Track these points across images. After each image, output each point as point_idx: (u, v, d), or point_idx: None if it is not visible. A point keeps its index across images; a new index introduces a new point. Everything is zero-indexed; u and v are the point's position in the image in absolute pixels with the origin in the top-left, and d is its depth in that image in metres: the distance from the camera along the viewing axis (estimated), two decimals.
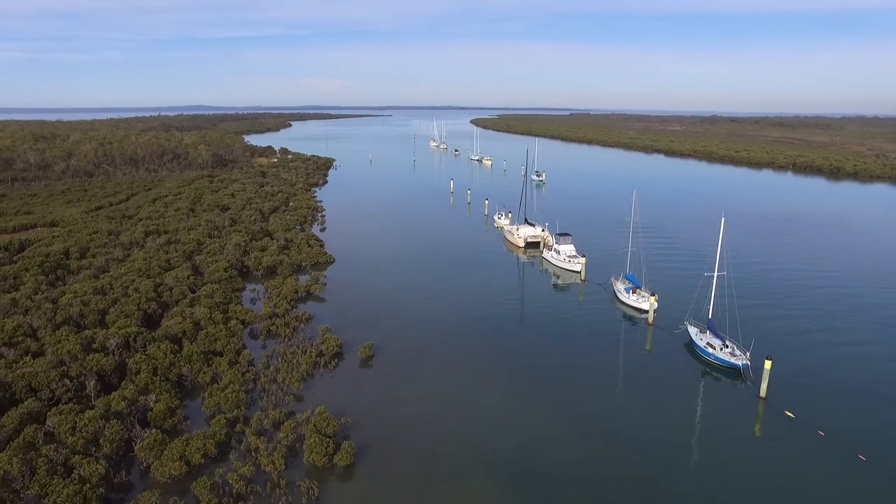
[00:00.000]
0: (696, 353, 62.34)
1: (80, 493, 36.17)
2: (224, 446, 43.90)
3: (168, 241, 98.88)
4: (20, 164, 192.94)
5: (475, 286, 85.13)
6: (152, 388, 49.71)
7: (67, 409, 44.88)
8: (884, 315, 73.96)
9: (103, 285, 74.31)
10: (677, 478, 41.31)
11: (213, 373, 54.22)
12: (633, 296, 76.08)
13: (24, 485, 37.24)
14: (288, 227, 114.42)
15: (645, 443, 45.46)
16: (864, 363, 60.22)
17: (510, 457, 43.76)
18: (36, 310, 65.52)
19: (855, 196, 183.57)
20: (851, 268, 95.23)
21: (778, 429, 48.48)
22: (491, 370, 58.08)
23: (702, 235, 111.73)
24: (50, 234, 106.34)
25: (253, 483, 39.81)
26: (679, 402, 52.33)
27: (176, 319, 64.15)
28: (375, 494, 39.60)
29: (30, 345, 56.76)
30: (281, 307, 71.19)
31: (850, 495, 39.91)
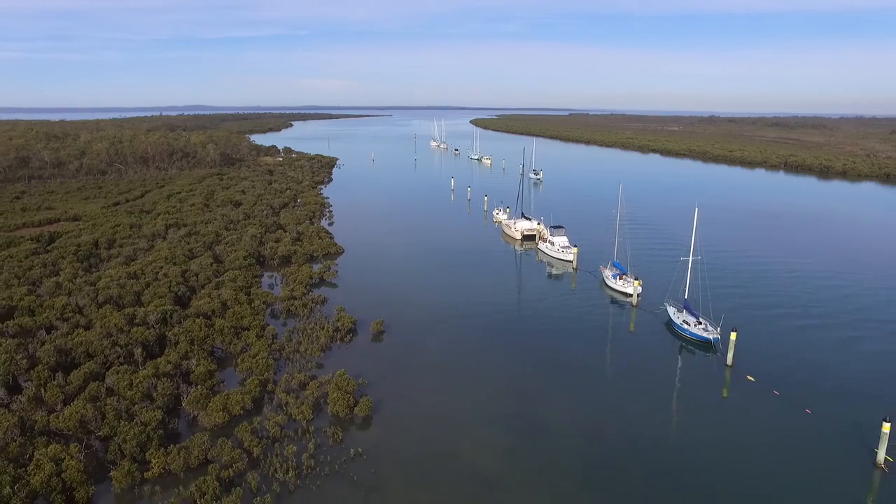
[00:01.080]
0: (673, 330, 69.33)
1: (143, 433, 43.09)
2: (258, 402, 50.88)
3: (188, 233, 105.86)
4: (36, 163, 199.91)
5: (475, 274, 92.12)
6: (191, 354, 56.67)
7: (122, 370, 51.85)
8: (843, 294, 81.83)
9: (135, 271, 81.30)
10: (656, 436, 47.82)
11: (242, 344, 61.16)
12: (619, 281, 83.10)
13: (96, 426, 44.15)
14: (299, 221, 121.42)
15: (627, 407, 52.21)
16: (817, 333, 67.94)
17: (506, 411, 50.74)
18: (78, 291, 72.51)
19: (840, 193, 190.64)
20: (823, 257, 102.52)
21: (741, 391, 55.43)
22: (490, 344, 65.04)
23: (683, 227, 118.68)
24: (77, 228, 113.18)
25: (286, 429, 46.78)
26: (659, 373, 59.11)
27: (205, 300, 71.10)
28: (390, 439, 46.53)
29: (79, 320, 63.73)
30: (298, 291, 78.18)
31: (797, 442, 46.71)
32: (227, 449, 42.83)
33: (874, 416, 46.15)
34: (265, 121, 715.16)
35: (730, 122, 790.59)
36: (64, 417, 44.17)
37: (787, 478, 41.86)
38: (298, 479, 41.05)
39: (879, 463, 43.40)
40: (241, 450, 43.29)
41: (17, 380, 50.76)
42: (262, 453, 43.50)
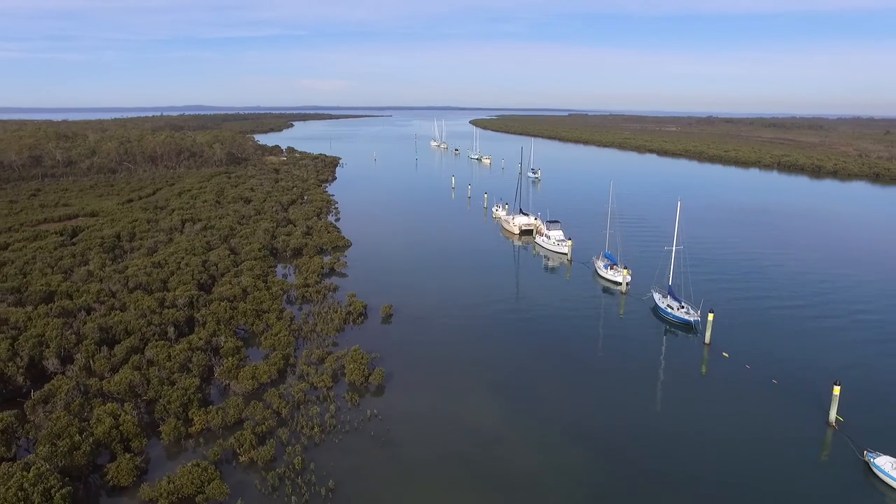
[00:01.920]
0: (659, 314, 75.33)
1: (184, 396, 48.99)
2: (282, 373, 56.83)
3: (204, 227, 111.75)
4: (49, 162, 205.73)
5: (476, 265, 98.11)
6: (219, 333, 62.59)
7: (160, 345, 57.78)
8: (812, 281, 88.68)
9: (158, 261, 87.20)
10: (641, 407, 53.39)
11: (263, 325, 67.06)
12: (610, 271, 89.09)
13: (143, 391, 50.07)
14: (307, 216, 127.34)
15: (616, 383, 57.88)
16: (785, 315, 74.62)
17: (504, 382, 56.72)
18: (108, 279, 78.41)
19: (827, 192, 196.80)
20: (798, 249, 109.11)
21: (718, 366, 61.40)
22: (491, 327, 71.00)
23: (670, 221, 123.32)
24: (97, 223, 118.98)
25: (308, 395, 52.72)
26: (646, 353, 64.92)
27: (226, 286, 77.01)
28: (401, 403, 52.48)
29: (114, 303, 69.59)
30: (311, 279, 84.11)
31: (764, 409, 52.56)
32: (258, 409, 48.77)
33: (829, 383, 52.07)
34: (266, 121, 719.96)
35: (727, 122, 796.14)
36: (114, 382, 50.10)
37: (755, 440, 47.61)
38: (323, 435, 46.99)
39: (831, 422, 49.39)
40: (271, 410, 49.24)
41: (69, 352, 56.60)
42: (289, 414, 49.48)
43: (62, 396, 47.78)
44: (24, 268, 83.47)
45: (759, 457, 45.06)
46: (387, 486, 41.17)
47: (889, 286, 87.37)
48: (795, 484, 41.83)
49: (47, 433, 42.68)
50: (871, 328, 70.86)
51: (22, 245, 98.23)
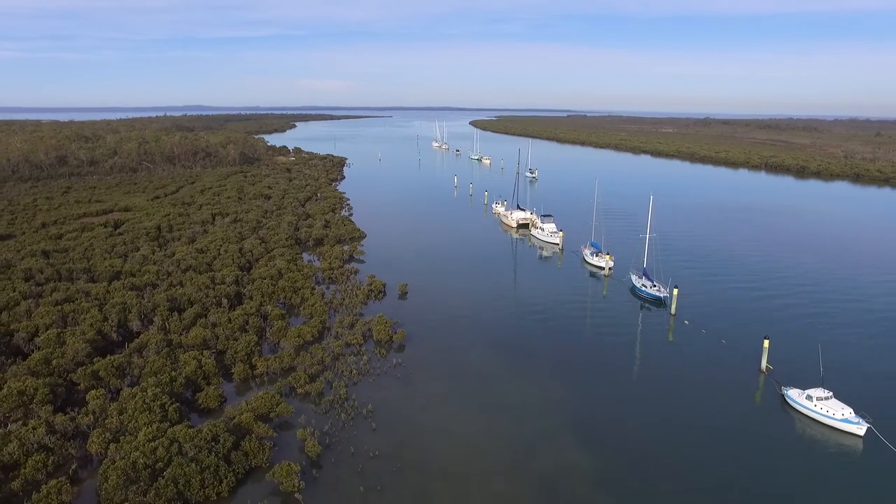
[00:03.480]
0: (635, 292, 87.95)
1: (247, 347, 61.54)
2: (321, 334, 69.30)
3: (233, 220, 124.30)
4: (74, 161, 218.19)
5: (479, 255, 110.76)
6: (265, 303, 75.16)
7: (220, 311, 70.36)
8: (766, 264, 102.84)
9: (201, 248, 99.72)
10: (619, 368, 65.62)
11: (300, 298, 79.59)
12: (595, 258, 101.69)
13: (213, 344, 62.62)
14: (324, 211, 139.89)
15: (598, 351, 70.47)
16: (736, 289, 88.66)
17: (505, 342, 69.33)
18: (161, 262, 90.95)
19: (807, 191, 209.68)
20: (763, 240, 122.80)
21: (680, 332, 73.97)
22: (493, 304, 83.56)
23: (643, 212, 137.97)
24: (134, 216, 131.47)
25: (344, 350, 65.25)
26: (624, 324, 77.24)
27: (264, 268, 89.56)
28: (420, 355, 65.02)
29: (172, 280, 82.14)
30: (335, 264, 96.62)
31: (714, 363, 64.92)
32: (307, 358, 61.35)
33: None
34: (268, 121, 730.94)
35: (724, 124, 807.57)
36: (190, 337, 62.69)
37: (703, 386, 59.80)
38: (359, 376, 59.57)
39: (762, 369, 62.00)
40: (316, 359, 61.76)
41: (147, 316, 69.09)
42: (330, 362, 62.01)
43: (153, 346, 60.31)
44: (86, 253, 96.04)
45: (704, 398, 57.45)
46: (411, 410, 53.70)
47: (834, 269, 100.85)
48: (730, 416, 54.22)
49: (148, 370, 55.26)
50: (809, 300, 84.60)
51: (75, 235, 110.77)
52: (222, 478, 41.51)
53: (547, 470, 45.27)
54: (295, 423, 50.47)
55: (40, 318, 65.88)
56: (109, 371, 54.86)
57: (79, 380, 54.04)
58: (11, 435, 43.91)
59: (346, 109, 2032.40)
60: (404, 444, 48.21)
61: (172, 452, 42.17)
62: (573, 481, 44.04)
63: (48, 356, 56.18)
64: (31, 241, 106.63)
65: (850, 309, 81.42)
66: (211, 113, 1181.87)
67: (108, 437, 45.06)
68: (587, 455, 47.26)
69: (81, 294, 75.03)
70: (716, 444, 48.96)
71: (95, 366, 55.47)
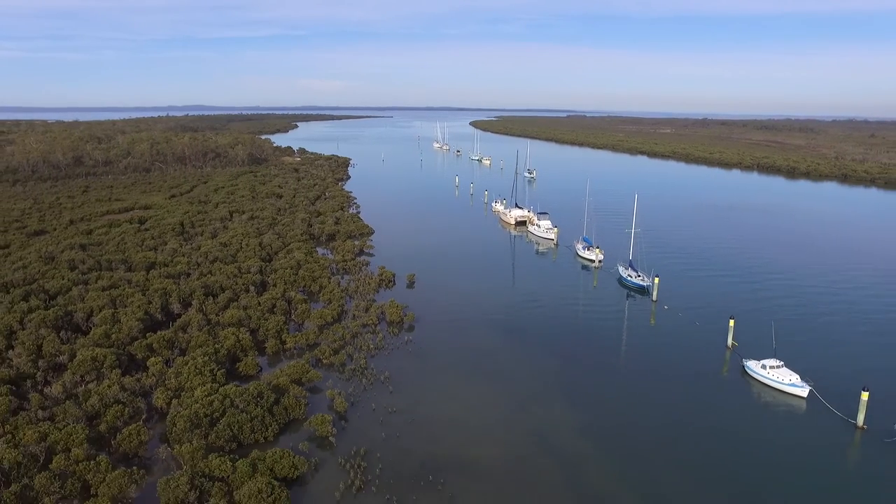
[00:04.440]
0: (622, 282, 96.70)
1: (277, 326, 70.25)
2: (339, 316, 77.97)
3: (250, 217, 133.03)
4: (90, 162, 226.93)
5: (479, 250, 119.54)
6: (288, 290, 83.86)
7: (249, 297, 79.07)
8: (744, 257, 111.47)
9: (223, 242, 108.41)
10: (606, 346, 74.53)
11: (318, 286, 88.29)
12: (587, 252, 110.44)
13: (247, 323, 71.34)
14: (334, 209, 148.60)
15: (588, 333, 79.37)
16: (710, 277, 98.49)
17: (505, 324, 78.04)
18: (189, 254, 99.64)
19: (793, 191, 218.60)
20: (742, 235, 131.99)
21: (661, 316, 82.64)
22: (493, 292, 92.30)
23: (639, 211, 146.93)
24: (156, 213, 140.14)
25: (360, 328, 73.94)
26: (611, 310, 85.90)
27: (283, 260, 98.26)
28: (428, 334, 73.68)
29: (202, 270, 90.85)
30: (347, 256, 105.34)
31: (688, 341, 73.58)
32: (329, 335, 70.09)
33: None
34: (271, 122, 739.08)
35: (722, 124, 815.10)
36: (226, 317, 71.42)
37: (681, 361, 68.41)
38: (375, 350, 68.28)
39: (728, 345, 70.75)
40: (337, 336, 70.46)
41: (185, 300, 77.80)
42: (350, 339, 70.72)
43: (195, 325, 69.04)
44: (119, 246, 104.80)
45: (678, 370, 65.93)
46: (422, 377, 62.43)
47: (801, 259, 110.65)
48: (699, 385, 62.72)
49: (194, 344, 63.97)
50: (773, 286, 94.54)
51: (105, 231, 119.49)
52: (267, 425, 50.21)
53: (536, 422, 54.01)
54: (323, 387, 59.17)
55: (92, 301, 74.54)
56: (161, 344, 63.61)
57: (135, 351, 62.76)
58: (91, 391, 52.60)
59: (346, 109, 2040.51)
60: (417, 403, 56.93)
61: (226, 405, 50.87)
62: (558, 431, 52.74)
63: (107, 332, 64.86)
64: (65, 237, 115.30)
65: (808, 293, 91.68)
66: (212, 113, 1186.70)
67: (169, 395, 53.78)
68: (571, 412, 55.95)
69: (124, 282, 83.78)
70: (684, 408, 57.56)
71: (149, 340, 64.25)
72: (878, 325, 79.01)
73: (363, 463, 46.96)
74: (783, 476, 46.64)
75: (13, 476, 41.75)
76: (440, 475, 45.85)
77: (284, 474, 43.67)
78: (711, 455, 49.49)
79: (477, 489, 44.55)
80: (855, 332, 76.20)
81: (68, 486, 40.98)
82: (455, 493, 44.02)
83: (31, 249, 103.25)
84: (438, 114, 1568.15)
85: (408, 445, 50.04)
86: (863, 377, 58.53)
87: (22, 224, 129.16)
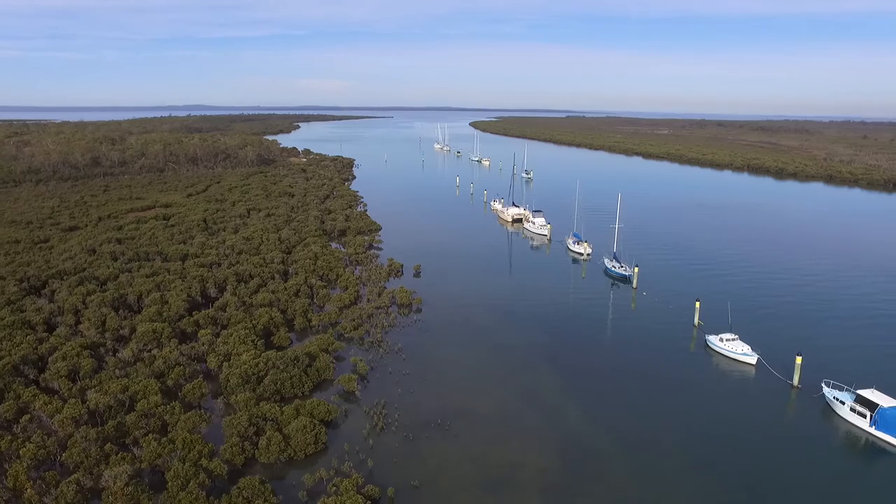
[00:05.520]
0: (607, 272, 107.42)
1: (303, 307, 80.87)
2: (356, 299, 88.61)
3: (267, 214, 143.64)
4: (107, 162, 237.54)
5: (479, 245, 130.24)
6: (309, 278, 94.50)
7: (276, 283, 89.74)
8: (717, 249, 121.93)
9: (246, 236, 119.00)
10: (592, 326, 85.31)
11: (335, 274, 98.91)
12: (577, 246, 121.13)
13: (277, 304, 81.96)
14: (342, 207, 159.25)
15: (574, 315, 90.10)
16: (685, 267, 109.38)
17: (503, 307, 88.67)
18: (217, 247, 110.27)
19: (777, 191, 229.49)
20: (718, 230, 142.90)
21: (639, 301, 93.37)
22: (491, 282, 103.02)
23: (623, 208, 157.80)
24: (177, 211, 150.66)
25: (374, 310, 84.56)
26: (597, 297, 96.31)
27: (302, 252, 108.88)
28: (435, 313, 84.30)
29: (231, 261, 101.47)
30: (359, 249, 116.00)
31: (662, 322, 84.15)
32: (348, 315, 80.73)
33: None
34: (273, 122, 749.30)
35: (719, 125, 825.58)
36: (258, 299, 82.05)
37: (655, 338, 78.95)
38: (389, 327, 78.92)
39: (695, 324, 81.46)
40: (355, 316, 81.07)
41: (219, 286, 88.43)
42: (366, 318, 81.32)
43: (232, 305, 79.70)
44: (151, 240, 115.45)
45: (652, 346, 76.32)
46: (430, 348, 73.03)
47: (769, 252, 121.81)
48: (668, 358, 73.09)
49: (234, 320, 74.59)
50: (736, 272, 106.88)
51: (134, 226, 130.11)
52: (303, 383, 60.81)
53: (526, 382, 64.66)
54: (346, 356, 69.79)
55: (139, 286, 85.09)
56: (206, 320, 74.31)
57: (184, 326, 73.37)
58: (156, 356, 63.25)
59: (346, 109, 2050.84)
60: (427, 368, 67.58)
61: (268, 366, 61.49)
62: (543, 389, 63.38)
63: (158, 311, 75.48)
64: (99, 232, 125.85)
65: (764, 279, 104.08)
66: (211, 113, 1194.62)
67: (220, 359, 64.39)
68: (555, 376, 66.55)
69: (163, 270, 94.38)
70: (655, 375, 67.89)
71: (195, 317, 74.98)
72: (819, 303, 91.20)
73: (384, 411, 57.61)
74: (733, 426, 57.05)
75: (107, 416, 52.34)
76: (446, 420, 56.48)
77: (321, 417, 54.22)
78: (672, 408, 59.99)
79: (476, 429, 55.18)
80: (799, 310, 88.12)
81: (152, 423, 51.59)
82: (458, 432, 54.64)
83: (72, 243, 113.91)
84: (438, 114, 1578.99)
85: (419, 399, 60.65)
86: (799, 345, 69.34)
87: (55, 221, 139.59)
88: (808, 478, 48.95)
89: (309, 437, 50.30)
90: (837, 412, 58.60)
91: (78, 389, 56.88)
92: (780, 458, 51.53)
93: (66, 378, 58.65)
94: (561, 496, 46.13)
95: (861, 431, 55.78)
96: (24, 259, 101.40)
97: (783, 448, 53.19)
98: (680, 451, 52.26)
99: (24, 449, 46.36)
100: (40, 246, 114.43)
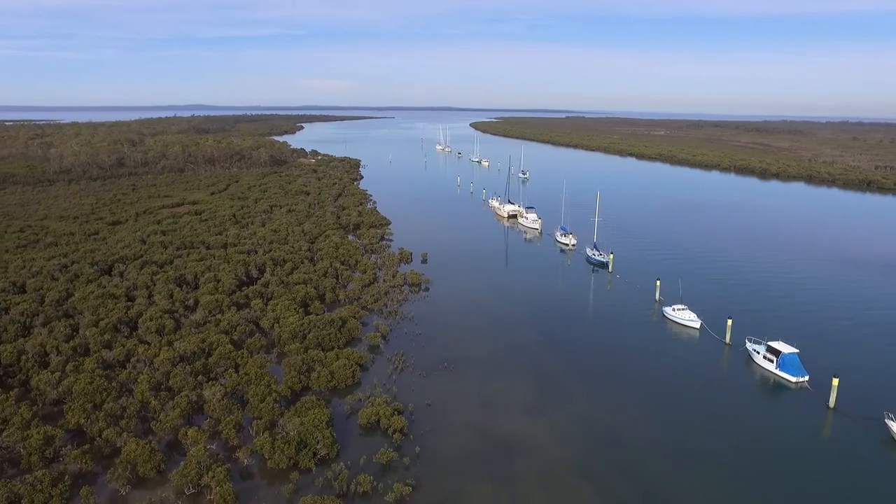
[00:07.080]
0: (589, 260, 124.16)
1: (331, 285, 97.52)
2: (374, 280, 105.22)
3: (287, 210, 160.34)
4: (131, 163, 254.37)
5: (477, 238, 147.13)
6: (332, 262, 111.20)
7: (306, 266, 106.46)
8: (685, 239, 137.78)
9: (273, 229, 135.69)
10: (573, 305, 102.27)
11: (354, 260, 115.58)
12: (564, 237, 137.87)
13: (310, 282, 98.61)
14: (354, 204, 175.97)
15: (559, 295, 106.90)
16: (661, 256, 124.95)
17: (503, 289, 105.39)
18: (249, 237, 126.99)
19: (758, 190, 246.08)
20: (693, 224, 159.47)
21: (615, 283, 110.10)
22: (489, 268, 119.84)
23: (605, 204, 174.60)
24: (206, 207, 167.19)
25: (390, 288, 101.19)
26: (577, 280, 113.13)
27: (324, 242, 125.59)
28: (443, 292, 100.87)
29: (265, 248, 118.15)
30: (373, 240, 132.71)
31: (636, 304, 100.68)
32: (368, 292, 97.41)
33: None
34: (276, 123, 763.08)
35: (715, 126, 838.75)
36: (294, 278, 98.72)
37: (623, 312, 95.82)
38: (403, 301, 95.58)
39: (657, 299, 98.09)
40: (374, 292, 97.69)
41: (259, 268, 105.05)
42: (383, 294, 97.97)
43: (273, 283, 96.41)
44: (191, 232, 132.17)
45: (621, 318, 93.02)
46: (437, 316, 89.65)
47: (725, 239, 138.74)
48: (633, 327, 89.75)
49: (276, 294, 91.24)
50: (692, 255, 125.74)
51: (172, 221, 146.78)
52: (339, 338, 77.43)
53: (514, 338, 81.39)
54: (369, 321, 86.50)
55: (193, 268, 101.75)
56: (254, 294, 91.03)
57: (238, 299, 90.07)
58: (221, 319, 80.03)
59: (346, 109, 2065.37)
60: (434, 330, 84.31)
61: (311, 326, 78.13)
62: (528, 343, 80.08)
63: (214, 287, 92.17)
64: (141, 225, 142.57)
65: (715, 259, 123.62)
66: (212, 113, 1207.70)
67: (271, 321, 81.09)
68: (538, 335, 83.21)
69: (209, 256, 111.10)
70: (620, 338, 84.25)
71: (245, 291, 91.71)
72: (752, 277, 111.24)
73: (402, 358, 74.30)
74: (678, 375, 72.98)
75: (193, 359, 69.02)
76: (451, 364, 73.18)
77: (356, 361, 70.82)
78: (630, 361, 76.39)
79: (474, 370, 71.87)
80: (735, 283, 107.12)
81: (228, 364, 68.27)
82: (460, 372, 71.33)
83: (122, 234, 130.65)
84: (439, 114, 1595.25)
85: (429, 351, 77.33)
86: (730, 310, 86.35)
87: (97, 216, 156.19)
88: (731, 406, 65.47)
89: (348, 372, 67.05)
90: (754, 360, 75.34)
91: (166, 342, 73.54)
92: (713, 394, 68.04)
93: (155, 333, 75.34)
94: (537, 413, 62.80)
95: (769, 373, 72.50)
96: (87, 247, 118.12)
97: (715, 387, 69.78)
98: (633, 391, 68.64)
99: (141, 376, 63.07)
100: (93, 238, 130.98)
